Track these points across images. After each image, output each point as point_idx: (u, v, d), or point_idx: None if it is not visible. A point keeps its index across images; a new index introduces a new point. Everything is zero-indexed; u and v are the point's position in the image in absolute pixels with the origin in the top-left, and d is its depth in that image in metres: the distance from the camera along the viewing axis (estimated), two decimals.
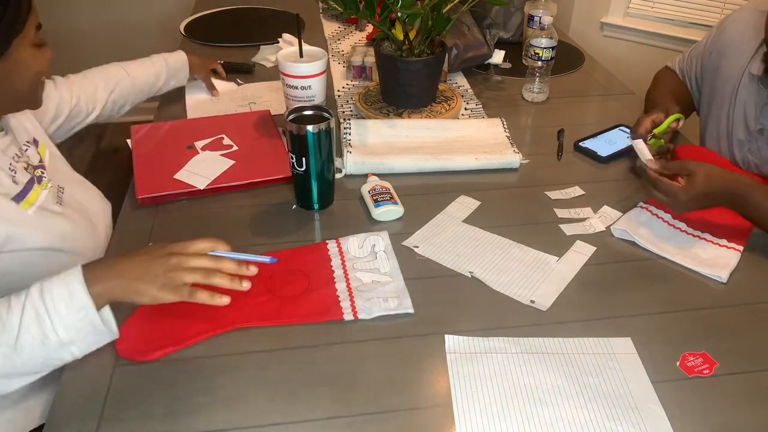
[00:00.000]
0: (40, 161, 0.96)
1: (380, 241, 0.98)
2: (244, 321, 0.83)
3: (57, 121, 1.15)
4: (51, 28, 2.89)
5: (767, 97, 1.14)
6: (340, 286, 0.89)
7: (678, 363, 0.79)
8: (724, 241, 0.98)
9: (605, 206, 1.08)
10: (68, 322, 0.68)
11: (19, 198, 0.86)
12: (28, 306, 0.68)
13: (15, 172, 0.88)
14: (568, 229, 1.03)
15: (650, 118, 1.12)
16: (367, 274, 0.92)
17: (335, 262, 0.94)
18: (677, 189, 0.95)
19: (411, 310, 0.85)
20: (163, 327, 0.82)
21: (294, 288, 0.89)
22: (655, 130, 1.10)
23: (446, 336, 0.82)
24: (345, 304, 0.86)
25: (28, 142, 0.97)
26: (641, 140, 1.03)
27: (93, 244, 0.97)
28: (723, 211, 1.04)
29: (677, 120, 1.14)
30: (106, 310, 0.72)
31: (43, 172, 0.94)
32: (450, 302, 0.88)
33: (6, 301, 0.69)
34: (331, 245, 0.97)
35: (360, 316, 0.84)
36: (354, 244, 0.97)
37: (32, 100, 0.91)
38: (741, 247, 0.97)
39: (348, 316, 0.84)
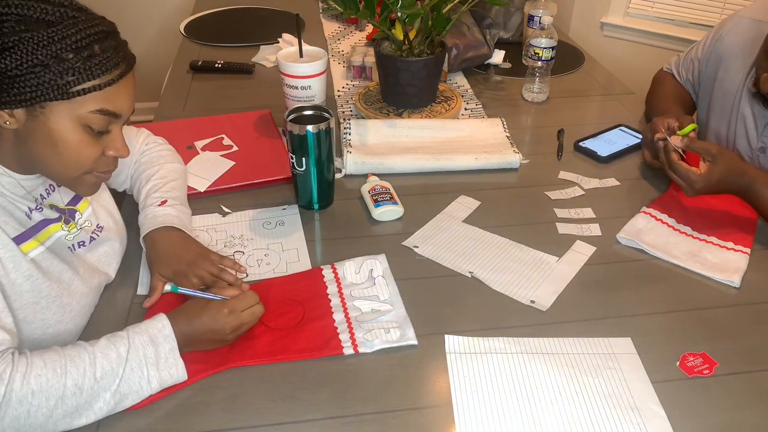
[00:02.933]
0: (73, 202, 0.86)
1: (378, 265, 0.94)
2: (237, 360, 0.78)
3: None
4: None
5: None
6: (338, 317, 0.84)
7: (678, 363, 0.79)
8: (730, 244, 0.98)
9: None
10: (163, 381, 0.74)
11: (21, 238, 0.76)
12: (133, 351, 0.72)
13: (31, 211, 0.78)
14: (568, 229, 1.03)
15: (666, 121, 1.11)
16: (366, 302, 0.87)
17: (331, 290, 0.89)
18: (695, 176, 0.99)
19: (414, 342, 0.81)
20: None
21: (289, 319, 0.84)
22: (678, 133, 1.09)
23: (446, 336, 0.82)
24: (344, 337, 0.81)
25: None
26: (666, 137, 1.04)
27: (81, 303, 0.83)
28: (726, 209, 1.05)
29: (694, 129, 1.13)
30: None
31: (74, 213, 0.85)
32: (450, 302, 0.88)
33: (107, 342, 0.72)
34: (327, 271, 0.93)
35: (360, 350, 0.80)
36: (351, 270, 0.93)
37: (72, 186, 0.79)
38: (748, 249, 0.97)
39: (348, 350, 0.80)
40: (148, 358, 0.72)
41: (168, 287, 0.82)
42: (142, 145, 1.04)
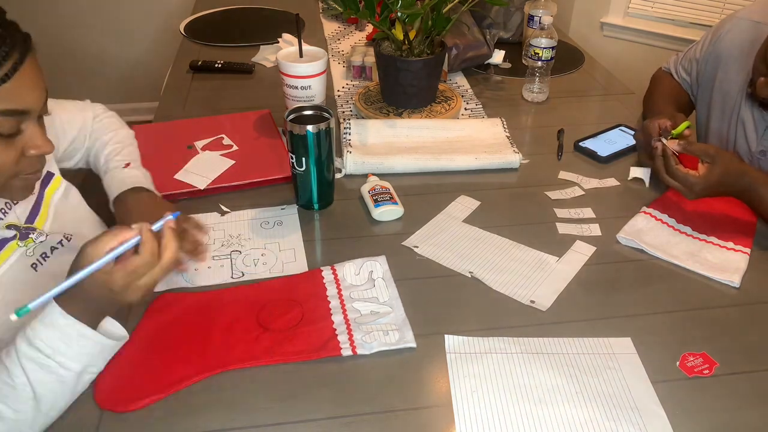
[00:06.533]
0: (30, 219, 0.81)
1: (378, 267, 0.93)
2: (235, 362, 0.78)
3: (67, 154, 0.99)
4: (50, 27, 2.90)
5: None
6: (337, 319, 0.84)
7: (678, 363, 0.79)
8: (731, 244, 0.98)
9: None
10: (74, 354, 0.67)
11: None
12: (24, 361, 0.65)
13: None
14: (568, 230, 1.03)
15: (656, 122, 1.11)
16: (365, 304, 0.87)
17: (331, 291, 0.89)
18: (694, 179, 0.98)
19: (413, 345, 0.81)
20: (147, 372, 0.76)
21: (287, 320, 0.84)
22: (673, 132, 1.09)
23: (446, 336, 0.82)
24: (342, 338, 0.81)
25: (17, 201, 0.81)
26: (662, 139, 1.04)
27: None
28: (726, 209, 1.05)
29: (688, 127, 1.13)
30: (105, 322, 0.71)
31: (31, 230, 0.79)
32: (450, 302, 0.88)
33: (2, 368, 0.66)
34: (326, 272, 0.92)
35: (359, 351, 0.79)
36: (350, 271, 0.92)
37: (1, 194, 0.72)
38: (748, 249, 0.97)
39: (346, 351, 0.79)
40: (26, 333, 0.65)
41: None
42: (92, 121, 1.03)
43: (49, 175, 0.88)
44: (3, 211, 0.76)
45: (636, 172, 1.15)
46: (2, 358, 0.67)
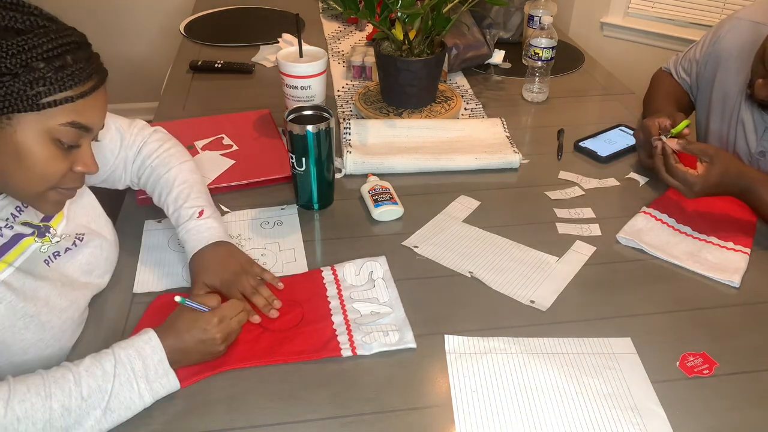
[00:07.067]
0: (43, 221, 0.83)
1: (378, 267, 0.93)
2: (236, 362, 0.78)
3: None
4: None
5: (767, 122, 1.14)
6: (337, 319, 0.84)
7: (678, 363, 0.79)
8: (730, 244, 0.98)
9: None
10: (156, 393, 0.73)
11: None
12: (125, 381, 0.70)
13: (2, 228, 0.76)
14: (568, 230, 1.03)
15: (656, 120, 1.11)
16: (365, 304, 0.87)
17: (331, 292, 0.89)
18: (693, 178, 0.98)
19: (413, 345, 0.81)
20: None
21: (288, 320, 0.84)
22: (673, 131, 1.09)
23: (446, 336, 0.82)
24: (342, 339, 0.81)
25: None
26: (662, 137, 1.04)
27: (62, 318, 0.79)
28: (726, 209, 1.05)
29: (688, 126, 1.13)
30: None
31: (48, 229, 0.82)
32: (450, 302, 0.88)
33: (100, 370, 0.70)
34: (326, 273, 0.92)
35: (359, 351, 0.79)
36: (350, 272, 0.93)
37: (35, 203, 0.75)
38: (748, 249, 0.97)
39: (346, 352, 0.79)
40: (137, 371, 0.70)
41: (178, 299, 0.79)
42: (138, 137, 0.99)
43: None
44: (18, 209, 0.79)
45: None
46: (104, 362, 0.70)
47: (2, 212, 0.76)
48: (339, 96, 1.49)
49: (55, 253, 0.82)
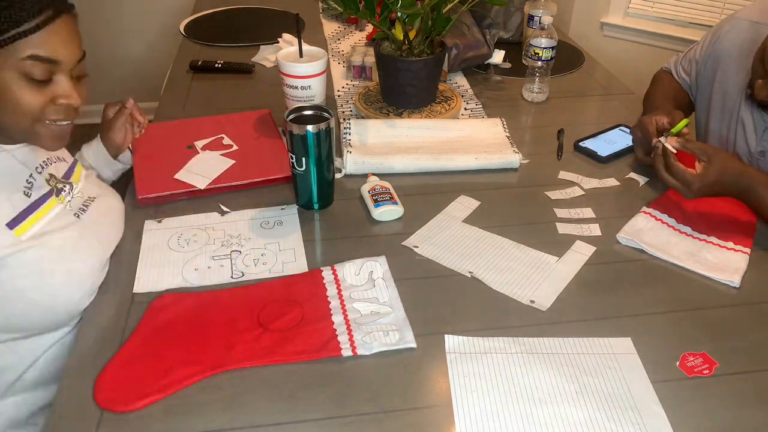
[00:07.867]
0: (66, 176, 0.91)
1: (378, 267, 0.93)
2: (235, 362, 0.78)
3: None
4: None
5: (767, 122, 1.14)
6: (337, 319, 0.84)
7: (678, 363, 0.79)
8: (731, 244, 0.98)
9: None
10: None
11: (16, 221, 0.79)
12: None
13: (31, 185, 0.83)
14: (568, 229, 1.03)
15: (654, 118, 1.11)
16: (365, 304, 0.87)
17: (331, 292, 0.89)
18: (692, 177, 0.98)
19: (413, 345, 0.80)
20: (147, 371, 0.76)
21: (288, 321, 0.84)
22: (672, 130, 1.09)
23: (446, 336, 0.82)
24: (343, 339, 0.81)
25: (59, 158, 0.92)
26: (662, 138, 1.04)
27: (87, 264, 0.86)
28: (726, 209, 1.05)
29: (687, 125, 1.13)
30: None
31: (64, 186, 0.89)
32: (450, 302, 0.88)
33: None
34: (326, 273, 0.92)
35: (359, 351, 0.79)
36: (350, 271, 0.92)
37: (31, 139, 0.81)
38: (748, 249, 0.97)
39: (346, 351, 0.79)
40: None
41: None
42: None
43: (74, 162, 0.97)
44: (45, 162, 0.87)
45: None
46: None
47: (29, 164, 0.84)
48: (339, 96, 1.49)
49: (81, 208, 0.90)
